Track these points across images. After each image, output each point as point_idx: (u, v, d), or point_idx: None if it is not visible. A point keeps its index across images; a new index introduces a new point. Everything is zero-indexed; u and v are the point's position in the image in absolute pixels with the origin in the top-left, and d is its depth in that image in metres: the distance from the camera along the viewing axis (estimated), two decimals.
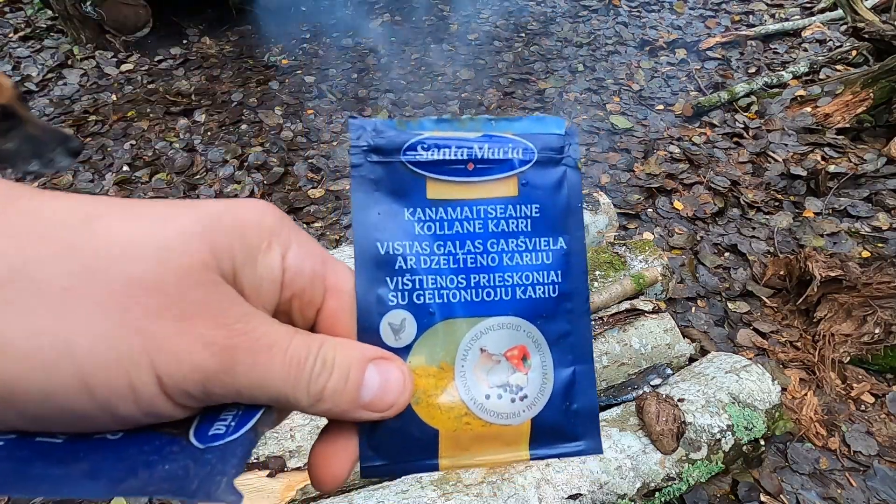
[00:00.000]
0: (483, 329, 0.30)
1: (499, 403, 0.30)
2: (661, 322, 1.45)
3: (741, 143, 2.61)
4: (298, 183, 2.52)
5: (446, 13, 4.05)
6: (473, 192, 0.30)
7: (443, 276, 0.30)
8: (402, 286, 0.29)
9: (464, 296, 0.30)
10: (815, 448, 1.45)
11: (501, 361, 0.30)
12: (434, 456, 0.29)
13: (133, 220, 0.22)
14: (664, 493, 1.20)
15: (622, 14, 3.86)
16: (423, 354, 0.29)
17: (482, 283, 0.30)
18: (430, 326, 0.29)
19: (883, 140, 2.46)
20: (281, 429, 1.17)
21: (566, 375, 0.30)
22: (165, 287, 0.22)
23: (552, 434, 0.30)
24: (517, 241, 0.31)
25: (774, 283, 1.90)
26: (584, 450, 0.31)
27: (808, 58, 3.14)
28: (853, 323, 1.65)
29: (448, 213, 0.30)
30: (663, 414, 1.20)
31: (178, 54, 3.55)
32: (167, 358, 0.22)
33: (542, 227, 0.31)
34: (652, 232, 2.18)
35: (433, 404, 0.29)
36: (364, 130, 0.30)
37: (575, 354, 0.31)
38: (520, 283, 0.30)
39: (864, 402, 1.56)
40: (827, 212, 2.19)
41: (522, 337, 0.30)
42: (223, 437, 0.24)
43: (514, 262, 0.30)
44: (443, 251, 0.30)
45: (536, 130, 0.31)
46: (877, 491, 1.35)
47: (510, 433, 0.30)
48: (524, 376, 0.30)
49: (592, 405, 0.31)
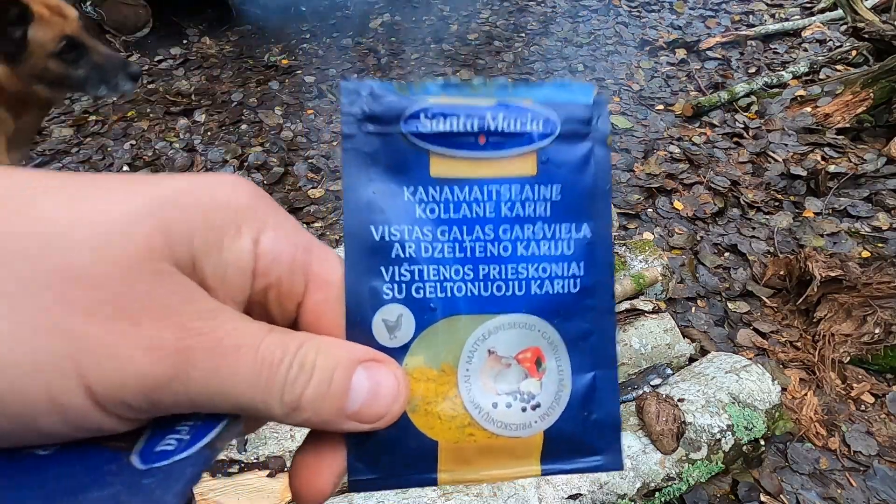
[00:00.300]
0: (492, 328, 0.27)
1: (507, 412, 0.26)
2: (661, 322, 1.45)
3: (741, 143, 2.62)
4: (298, 183, 2.52)
5: (446, 13, 4.05)
6: (484, 170, 0.27)
7: (446, 267, 0.26)
8: (400, 277, 0.26)
9: (470, 289, 0.26)
10: (815, 448, 1.45)
11: (512, 365, 0.27)
12: (432, 470, 0.26)
13: (75, 200, 0.19)
14: (664, 493, 1.20)
15: (622, 14, 3.86)
16: (421, 356, 0.26)
17: (492, 275, 0.27)
18: (430, 324, 0.26)
19: (883, 140, 2.46)
20: (281, 428, 1.17)
21: (585, 381, 0.27)
22: (102, 279, 0.18)
23: (568, 447, 0.27)
24: (534, 228, 0.27)
25: (774, 283, 1.90)
26: (603, 465, 0.27)
27: (808, 58, 3.14)
28: (853, 323, 1.65)
29: (454, 193, 0.26)
30: (663, 414, 1.20)
31: (178, 54, 3.56)
32: (100, 364, 0.18)
33: (564, 212, 0.27)
34: (652, 232, 2.18)
35: (432, 413, 0.26)
36: (358, 95, 0.26)
37: (596, 358, 0.27)
38: (535, 277, 0.27)
39: (864, 402, 1.56)
40: (827, 212, 2.19)
41: (537, 338, 0.27)
42: (171, 455, 0.20)
43: (529, 252, 0.27)
44: (447, 238, 0.26)
45: (560, 99, 0.27)
46: (877, 491, 1.35)
47: (520, 446, 0.27)
48: (537, 382, 0.27)
49: (614, 415, 0.27)
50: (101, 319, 0.18)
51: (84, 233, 0.18)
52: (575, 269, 0.27)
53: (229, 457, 1.12)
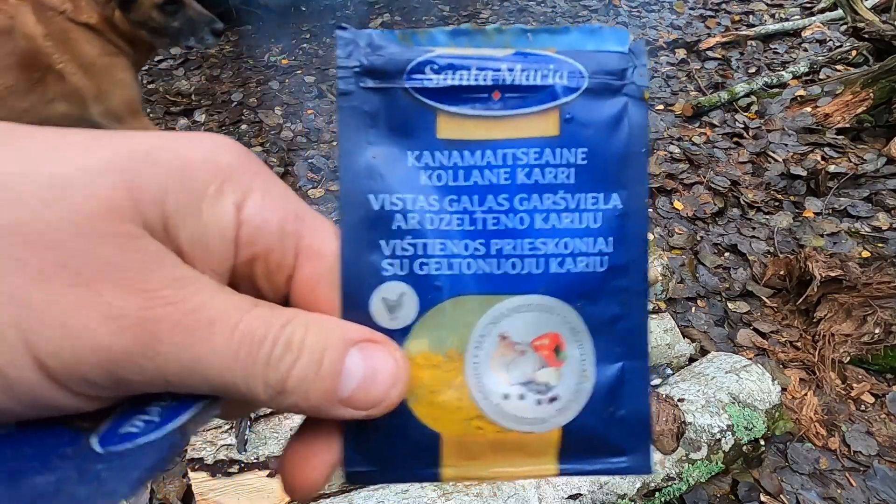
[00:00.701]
0: (505, 310, 0.24)
1: (520, 405, 0.24)
2: (661, 322, 1.45)
3: (741, 143, 2.62)
4: (298, 183, 2.52)
5: (446, 13, 4.05)
6: (499, 131, 0.23)
7: (455, 241, 0.23)
8: (402, 252, 0.23)
9: (481, 267, 0.24)
10: (815, 448, 1.45)
11: (527, 352, 0.24)
12: (435, 464, 0.24)
13: (30, 152, 0.17)
14: (664, 493, 1.20)
15: (622, 14, 3.86)
16: (425, 339, 0.23)
17: (506, 251, 0.24)
18: (435, 304, 0.23)
19: (883, 140, 2.46)
20: (280, 428, 1.17)
21: (612, 373, 0.24)
22: (55, 238, 0.16)
23: (589, 446, 0.24)
24: (555, 198, 0.24)
25: (774, 283, 1.90)
26: (630, 468, 0.25)
27: (808, 58, 3.14)
28: (853, 323, 1.65)
29: (465, 158, 0.23)
30: (663, 414, 1.20)
31: (177, 54, 3.56)
32: (52, 334, 0.16)
33: (590, 180, 0.24)
34: (652, 232, 2.18)
35: (436, 403, 0.23)
36: (356, 46, 0.23)
37: (625, 346, 0.24)
38: (556, 254, 0.24)
39: (864, 402, 1.56)
40: (827, 212, 2.19)
41: (556, 322, 0.24)
42: (134, 438, 0.18)
43: (549, 226, 0.24)
44: (456, 208, 0.23)
45: (588, 47, 0.24)
46: (877, 491, 1.35)
47: (533, 442, 0.24)
48: (556, 372, 0.24)
49: (643, 412, 0.25)
50: (53, 284, 0.16)
51: (36, 186, 0.16)
52: (602, 245, 0.24)
53: (229, 457, 1.12)
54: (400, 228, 0.23)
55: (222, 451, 1.12)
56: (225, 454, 1.12)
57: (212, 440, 1.14)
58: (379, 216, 0.23)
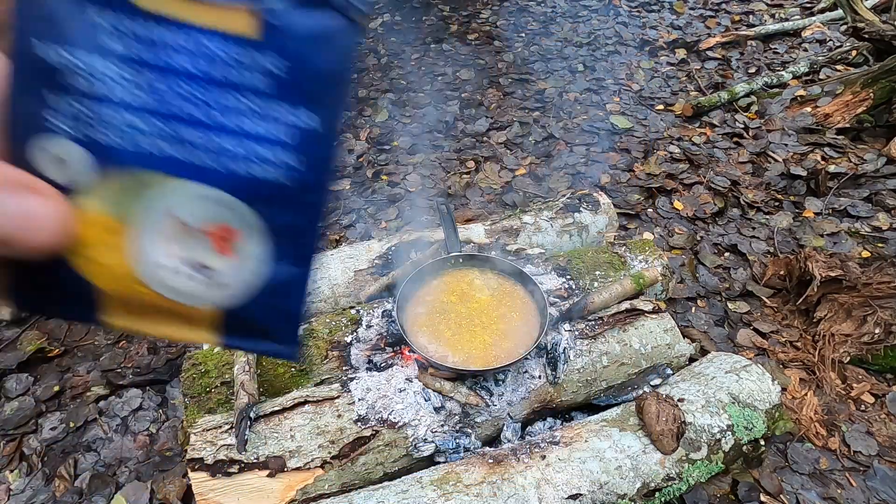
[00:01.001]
0: (181, 193, 0.24)
1: (174, 278, 0.25)
2: (661, 322, 1.45)
3: (741, 143, 2.62)
4: None
5: (446, 13, 4.05)
6: (200, 15, 0.22)
7: (140, 117, 0.23)
8: (78, 114, 0.22)
9: (162, 148, 0.23)
10: (815, 448, 1.45)
11: (195, 236, 0.25)
12: (96, 310, 0.26)
13: None
14: (664, 493, 1.20)
15: (622, 14, 3.86)
16: (97, 201, 0.24)
17: (189, 139, 0.23)
18: (112, 171, 0.23)
19: (883, 140, 2.46)
20: (281, 428, 1.17)
21: (281, 273, 0.27)
22: None
23: (251, 328, 0.28)
24: (248, 102, 0.24)
25: (774, 283, 1.90)
26: (280, 352, 0.29)
27: (808, 58, 3.14)
28: (853, 323, 1.65)
29: (161, 34, 0.22)
30: (663, 414, 1.20)
31: None
32: None
33: (287, 93, 0.24)
34: (652, 232, 2.18)
35: (97, 260, 0.24)
36: None
37: (298, 255, 0.27)
38: (241, 155, 0.24)
39: (864, 402, 1.56)
40: (827, 212, 2.19)
41: (234, 218, 0.25)
42: None
43: (234, 126, 0.24)
44: (142, 84, 0.23)
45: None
46: (877, 491, 1.35)
47: (192, 314, 0.26)
48: (225, 260, 0.26)
49: (298, 311, 0.28)
50: None
51: None
52: (290, 158, 0.25)
53: (229, 457, 1.12)
54: (75, 88, 0.22)
55: (222, 451, 1.12)
56: (225, 454, 1.12)
57: (212, 440, 1.14)
58: (50, 69, 0.22)
